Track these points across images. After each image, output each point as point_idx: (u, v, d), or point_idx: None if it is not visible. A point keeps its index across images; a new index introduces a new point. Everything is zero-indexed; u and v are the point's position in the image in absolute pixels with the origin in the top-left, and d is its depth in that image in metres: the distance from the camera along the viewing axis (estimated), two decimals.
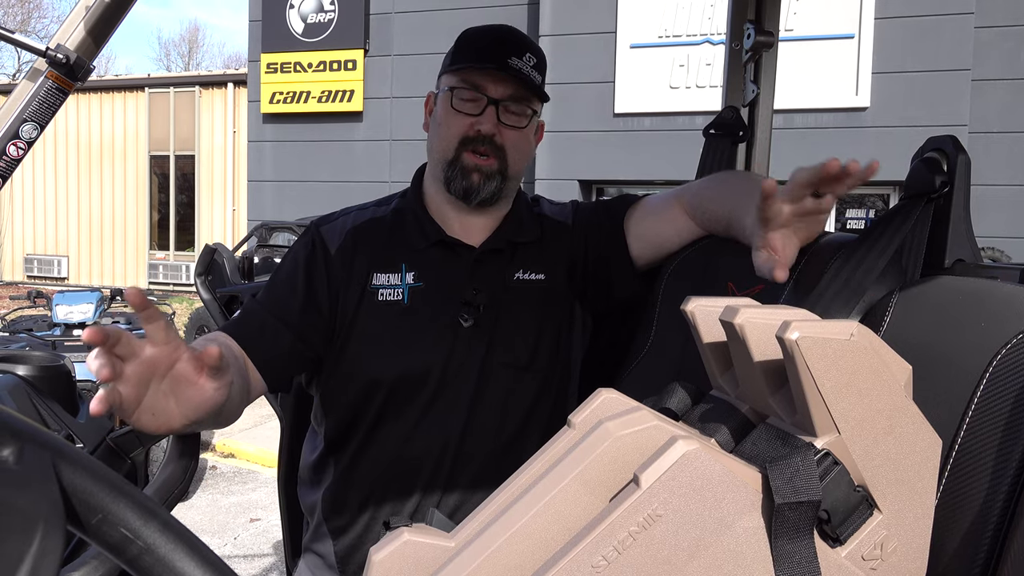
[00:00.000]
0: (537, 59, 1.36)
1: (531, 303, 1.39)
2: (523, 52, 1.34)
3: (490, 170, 1.34)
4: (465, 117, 1.33)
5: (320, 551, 1.43)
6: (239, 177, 15.39)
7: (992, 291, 0.87)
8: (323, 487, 1.42)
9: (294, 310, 1.32)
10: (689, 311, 0.81)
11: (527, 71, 1.33)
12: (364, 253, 1.37)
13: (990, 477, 0.75)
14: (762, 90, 1.67)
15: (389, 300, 1.34)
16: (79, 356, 5.27)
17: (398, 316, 1.33)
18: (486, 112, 1.32)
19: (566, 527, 0.66)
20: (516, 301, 1.38)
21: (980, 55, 9.41)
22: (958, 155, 1.01)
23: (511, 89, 1.33)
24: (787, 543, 0.64)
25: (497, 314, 1.36)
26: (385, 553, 0.70)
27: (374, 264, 1.36)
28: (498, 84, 1.32)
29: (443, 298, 1.35)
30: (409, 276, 1.35)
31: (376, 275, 1.35)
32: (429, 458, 1.34)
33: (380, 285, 1.35)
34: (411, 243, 1.38)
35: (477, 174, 1.33)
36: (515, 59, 1.32)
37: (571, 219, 1.48)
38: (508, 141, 1.34)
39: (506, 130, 1.34)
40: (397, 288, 1.35)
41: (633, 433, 0.67)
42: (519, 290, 1.39)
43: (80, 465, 0.42)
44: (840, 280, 0.99)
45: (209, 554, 0.44)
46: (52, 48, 1.17)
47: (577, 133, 10.78)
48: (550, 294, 1.41)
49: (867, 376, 0.65)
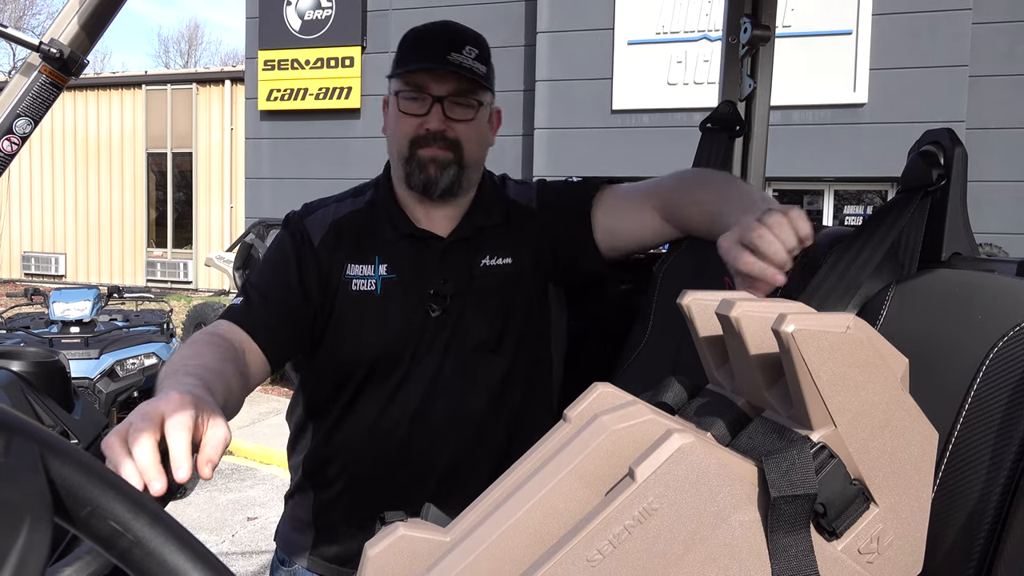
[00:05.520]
0: (479, 50, 1.39)
1: (498, 288, 1.44)
2: (463, 46, 1.37)
3: (446, 159, 1.38)
4: (413, 118, 1.37)
5: (299, 513, 1.52)
6: (237, 174, 15.36)
7: (988, 284, 0.86)
8: (304, 451, 1.52)
9: (286, 295, 1.39)
10: (685, 305, 0.81)
11: (468, 64, 1.36)
12: (343, 245, 1.43)
13: (987, 470, 0.74)
14: (759, 85, 1.67)
15: (363, 290, 1.41)
16: (75, 353, 5.27)
17: (372, 305, 1.40)
18: (432, 111, 1.36)
19: (562, 521, 0.66)
20: (483, 287, 1.43)
21: (977, 51, 9.40)
22: (955, 148, 1.00)
23: (453, 85, 1.36)
24: (783, 537, 0.64)
25: (464, 302, 1.42)
26: (381, 548, 0.70)
27: (350, 255, 1.43)
28: (440, 82, 1.36)
29: (413, 288, 1.42)
30: (382, 268, 1.42)
31: (351, 266, 1.42)
32: (398, 435, 1.41)
33: (355, 276, 1.42)
34: (384, 235, 1.44)
35: (433, 165, 1.38)
36: (455, 54, 1.36)
37: (535, 201, 1.51)
38: (460, 134, 1.38)
39: (455, 124, 1.38)
40: (370, 279, 1.41)
41: (629, 427, 0.67)
42: (486, 276, 1.44)
43: (68, 457, 0.41)
44: (836, 273, 0.99)
45: (199, 547, 0.44)
46: (45, 43, 1.16)
47: (575, 130, 10.77)
48: (518, 277, 1.45)
49: (863, 369, 0.65)
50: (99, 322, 5.98)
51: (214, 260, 10.37)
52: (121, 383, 5.45)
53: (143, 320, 6.45)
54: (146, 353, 5.67)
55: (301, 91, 12.40)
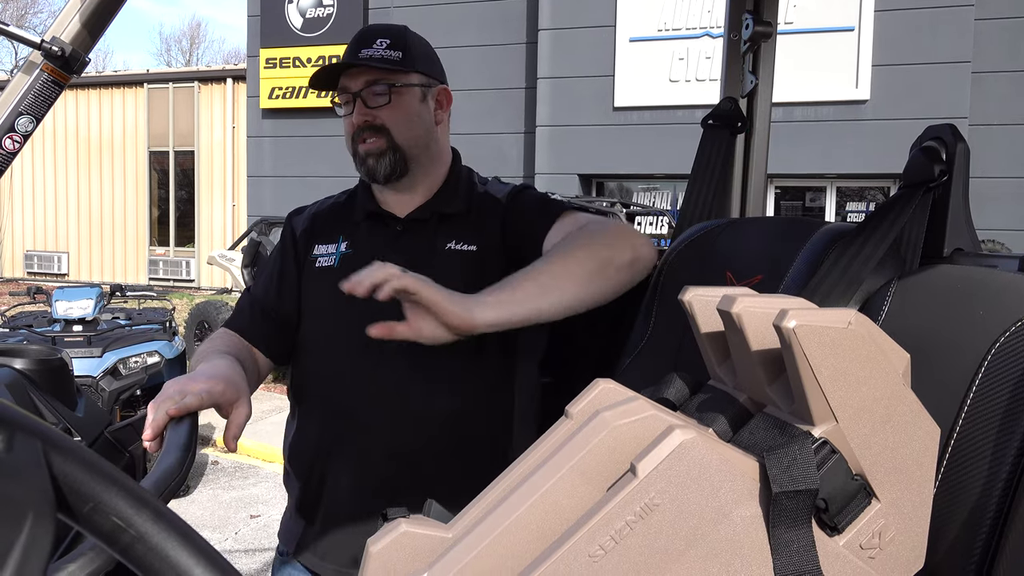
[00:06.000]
0: (391, 39, 1.47)
1: (461, 271, 1.46)
2: (374, 40, 1.46)
3: (378, 150, 1.46)
4: (347, 118, 1.49)
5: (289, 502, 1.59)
6: (239, 173, 15.37)
7: (990, 279, 0.86)
8: (288, 438, 1.59)
9: (273, 296, 1.53)
10: (687, 301, 0.81)
11: (379, 54, 1.44)
12: (317, 231, 1.56)
13: (988, 465, 0.74)
14: (761, 81, 1.66)
15: (324, 266, 1.51)
16: (78, 352, 5.28)
17: (329, 279, 1.46)
18: (356, 107, 1.46)
19: (563, 517, 0.66)
20: (446, 268, 1.45)
21: (980, 47, 9.39)
22: (957, 143, 1.00)
23: (365, 77, 1.45)
24: (785, 532, 0.64)
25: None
26: (383, 544, 0.70)
27: (320, 238, 1.54)
28: (354, 78, 1.46)
29: (365, 262, 1.46)
30: (343, 245, 1.52)
31: (318, 247, 1.54)
32: (361, 409, 1.45)
33: (320, 254, 1.53)
34: (352, 218, 1.55)
35: (371, 158, 1.47)
36: (365, 50, 1.44)
37: (506, 198, 1.54)
38: (385, 119, 1.46)
39: (377, 111, 1.45)
40: (332, 255, 1.52)
41: (630, 423, 0.66)
42: (449, 258, 1.48)
43: (71, 454, 0.41)
44: (838, 269, 0.99)
45: (202, 543, 0.44)
46: (47, 41, 1.16)
47: (577, 127, 10.76)
48: (482, 264, 1.48)
49: (865, 365, 0.65)
50: (102, 320, 5.99)
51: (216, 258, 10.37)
52: (124, 381, 5.45)
53: (146, 318, 6.45)
54: (149, 351, 5.68)
55: (303, 89, 12.40)
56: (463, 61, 11.39)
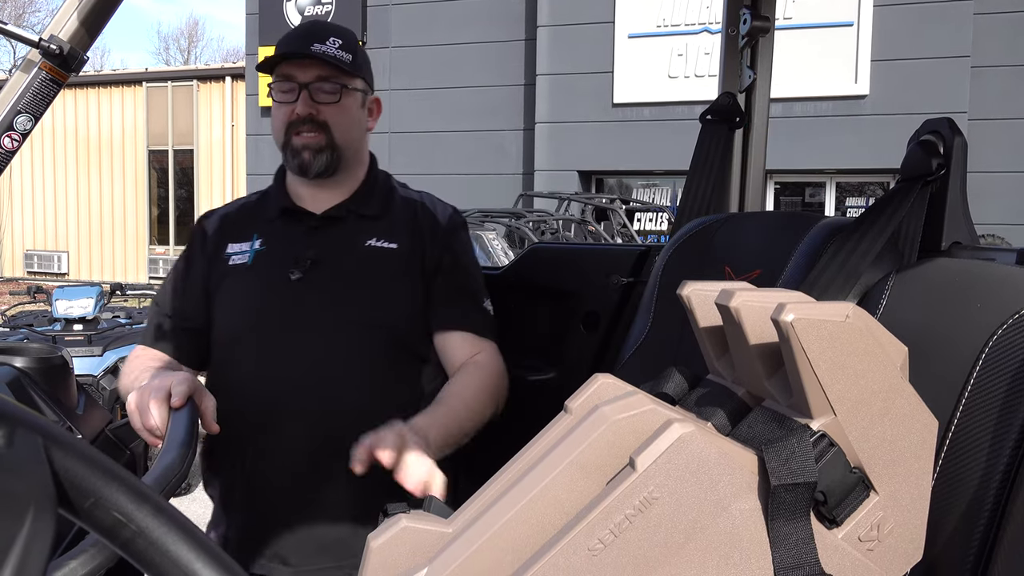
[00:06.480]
0: (343, 41, 1.48)
1: (382, 267, 1.50)
2: (326, 37, 1.46)
3: (318, 145, 1.47)
4: (285, 106, 1.48)
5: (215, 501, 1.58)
6: (238, 171, 15.36)
7: (988, 272, 0.87)
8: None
9: (187, 307, 1.53)
10: (685, 295, 0.81)
11: (332, 52, 1.45)
12: (227, 232, 1.56)
13: (986, 457, 0.75)
14: (759, 76, 1.66)
15: (237, 263, 1.51)
16: (79, 350, 5.27)
17: (242, 275, 1.50)
18: (300, 97, 1.45)
19: (563, 511, 0.66)
20: (368, 264, 1.49)
21: (979, 41, 9.38)
22: (954, 137, 1.00)
23: (317, 71, 1.46)
24: (783, 525, 0.64)
25: (339, 273, 1.48)
26: (383, 539, 0.70)
27: (232, 237, 1.54)
28: (305, 69, 1.46)
29: (280, 257, 1.49)
30: (257, 242, 1.52)
31: (231, 246, 1.53)
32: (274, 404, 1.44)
33: (233, 252, 1.53)
34: (266, 216, 1.55)
35: (307, 151, 1.47)
36: (318, 45, 1.45)
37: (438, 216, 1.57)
38: (328, 117, 1.47)
39: (322, 107, 1.46)
40: (245, 253, 1.52)
41: (629, 417, 0.67)
42: (371, 254, 1.50)
43: (72, 449, 0.42)
44: (837, 263, 0.99)
45: (202, 538, 0.44)
46: (45, 39, 1.16)
47: (576, 124, 10.75)
48: (404, 261, 1.51)
49: (863, 357, 0.65)
50: (102, 319, 5.99)
51: None
52: None
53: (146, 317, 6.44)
54: None
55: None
56: (463, 58, 11.39)
